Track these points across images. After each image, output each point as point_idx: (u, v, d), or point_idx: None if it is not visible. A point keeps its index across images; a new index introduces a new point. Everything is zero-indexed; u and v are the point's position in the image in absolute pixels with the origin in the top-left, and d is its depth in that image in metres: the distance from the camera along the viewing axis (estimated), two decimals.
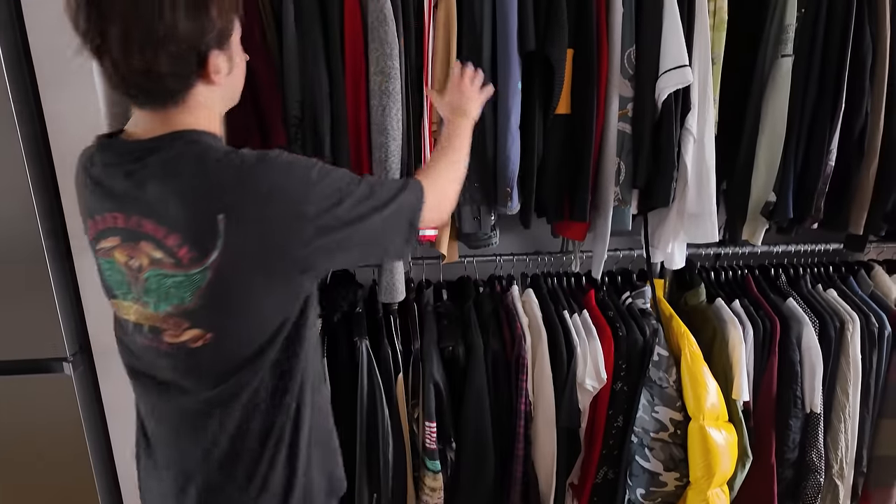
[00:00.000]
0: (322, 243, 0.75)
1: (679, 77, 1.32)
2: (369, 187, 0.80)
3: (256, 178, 0.72)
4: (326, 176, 0.76)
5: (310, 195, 0.74)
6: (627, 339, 1.57)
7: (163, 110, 0.75)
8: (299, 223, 0.73)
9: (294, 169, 0.75)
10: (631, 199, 1.45)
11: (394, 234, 0.83)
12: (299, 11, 1.26)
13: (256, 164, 0.73)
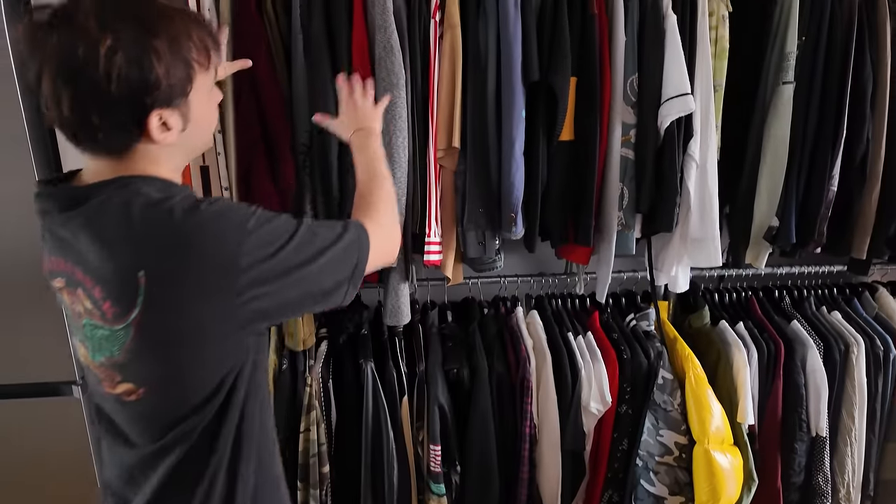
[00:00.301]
0: (258, 295, 0.69)
1: (681, 105, 1.33)
2: (310, 233, 0.74)
3: (184, 229, 0.67)
4: (264, 224, 0.70)
5: (243, 246, 0.68)
6: (632, 361, 1.58)
7: (109, 158, 0.70)
8: (231, 277, 0.67)
9: (227, 218, 0.69)
10: (634, 224, 1.47)
11: (337, 280, 0.77)
12: (308, 43, 1.28)
13: (186, 214, 0.67)
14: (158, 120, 0.68)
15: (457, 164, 1.42)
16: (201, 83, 0.71)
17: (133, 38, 0.63)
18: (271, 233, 0.70)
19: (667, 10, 1.33)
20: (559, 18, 1.32)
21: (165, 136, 0.69)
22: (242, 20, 1.26)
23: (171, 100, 0.68)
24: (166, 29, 0.66)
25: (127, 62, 0.63)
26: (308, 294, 0.75)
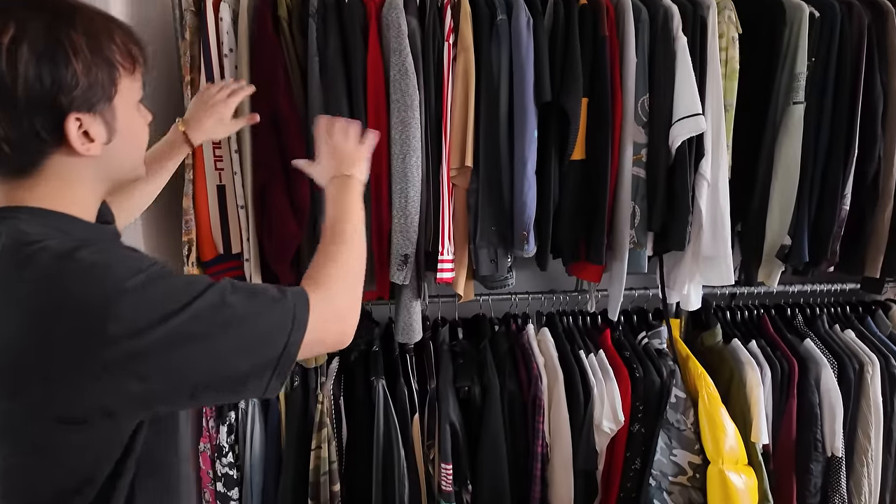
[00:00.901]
0: (132, 376, 0.54)
1: (692, 125, 1.35)
2: (221, 299, 0.58)
3: (45, 283, 0.54)
4: (155, 283, 0.56)
5: (118, 308, 0.53)
6: (644, 380, 1.57)
7: (8, 179, 0.59)
8: (94, 348, 0.53)
9: (103, 270, 0.55)
10: (646, 242, 1.47)
11: (254, 364, 0.60)
12: (324, 65, 1.31)
13: (52, 263, 0.54)
14: (78, 127, 0.58)
15: (469, 183, 1.43)
16: (127, 90, 0.62)
17: (43, 28, 0.54)
18: (162, 295, 0.56)
19: (677, 33, 1.35)
20: (570, 41, 1.34)
21: (88, 147, 0.59)
22: (260, 42, 1.29)
23: (91, 103, 0.58)
24: (84, 23, 0.57)
25: (35, 56, 0.54)
26: (209, 381, 0.58)
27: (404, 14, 1.30)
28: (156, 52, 1.48)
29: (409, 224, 1.37)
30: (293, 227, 1.34)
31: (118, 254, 0.60)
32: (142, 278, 0.56)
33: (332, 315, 0.68)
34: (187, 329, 0.56)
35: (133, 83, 0.63)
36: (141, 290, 0.55)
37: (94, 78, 0.57)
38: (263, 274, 1.42)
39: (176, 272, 0.60)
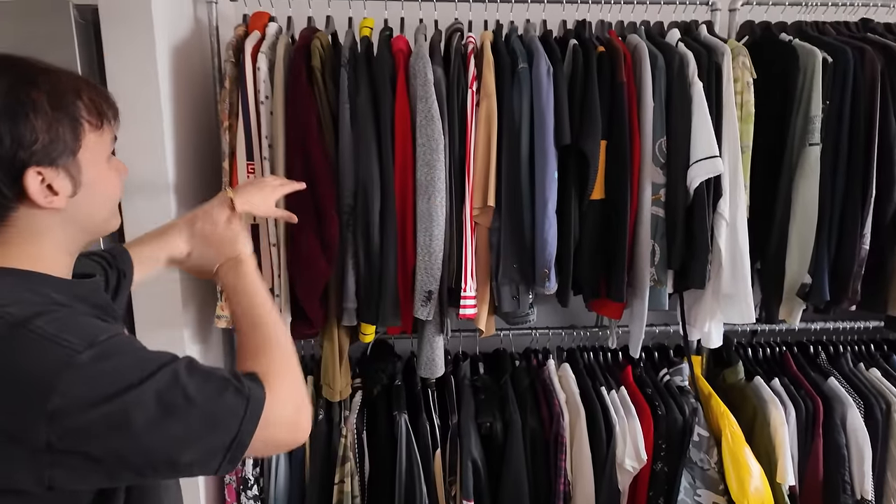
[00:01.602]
0: (73, 450, 0.53)
1: (710, 167, 1.38)
2: (172, 377, 0.57)
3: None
4: (107, 358, 0.55)
5: (63, 384, 0.52)
6: (667, 417, 1.57)
7: None
8: (35, 422, 0.51)
9: (51, 345, 0.53)
10: (667, 280, 1.49)
11: (203, 448, 0.58)
12: (354, 112, 1.38)
13: (6, 332, 0.53)
14: (40, 180, 0.60)
15: (491, 222, 1.47)
16: (94, 144, 0.64)
17: (5, 89, 0.57)
18: (111, 372, 0.54)
19: (693, 78, 1.40)
20: (589, 86, 1.40)
21: (52, 199, 0.61)
22: (294, 90, 1.37)
23: (53, 158, 0.60)
24: (49, 82, 0.60)
25: (6, 113, 0.57)
26: (154, 463, 0.56)
27: (430, 64, 1.37)
28: (197, 100, 1.58)
29: (433, 261, 1.41)
30: (323, 264, 1.39)
31: (76, 322, 0.57)
32: (93, 353, 0.54)
33: (287, 416, 0.63)
34: (130, 411, 0.54)
35: (100, 138, 0.65)
36: (89, 365, 0.53)
37: (55, 133, 0.60)
38: (293, 309, 1.47)
39: (137, 345, 0.59)
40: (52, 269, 0.65)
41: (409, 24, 1.54)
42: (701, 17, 1.62)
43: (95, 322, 0.60)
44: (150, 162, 1.32)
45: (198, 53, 1.54)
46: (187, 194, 1.45)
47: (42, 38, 1.28)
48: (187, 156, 1.46)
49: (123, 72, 1.28)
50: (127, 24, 1.27)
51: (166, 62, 1.34)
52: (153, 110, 1.31)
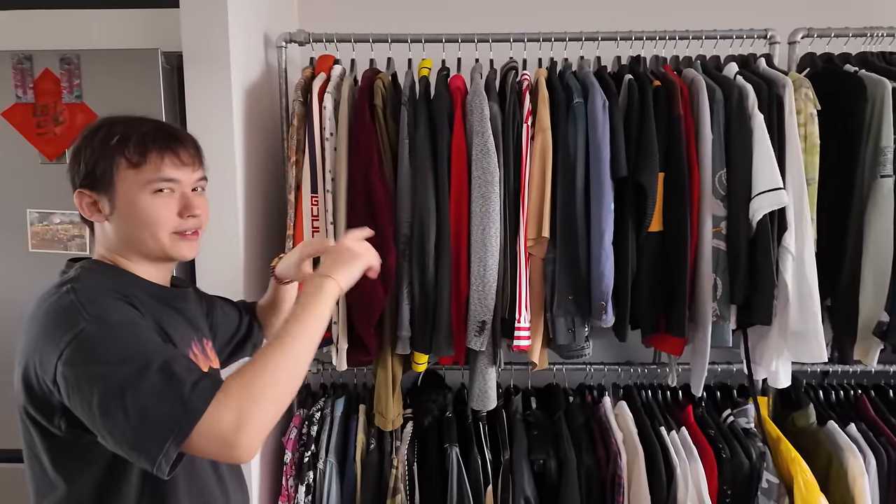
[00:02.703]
0: (62, 388, 0.70)
1: (773, 199, 1.35)
2: (140, 371, 0.67)
3: (41, 316, 0.74)
4: (106, 336, 0.70)
5: (69, 339, 0.70)
6: (732, 461, 1.49)
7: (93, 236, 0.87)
8: (52, 361, 0.70)
9: (76, 311, 0.72)
10: (730, 315, 1.44)
11: (133, 442, 0.67)
12: (413, 147, 1.43)
13: (64, 298, 0.74)
14: (87, 199, 0.82)
15: (546, 253, 1.48)
16: (133, 178, 0.80)
17: (89, 131, 0.82)
18: (98, 347, 0.70)
19: (753, 110, 1.39)
20: (645, 120, 1.40)
21: (95, 216, 0.83)
22: (358, 127, 1.44)
23: (93, 184, 0.81)
24: (113, 130, 0.81)
25: (73, 148, 0.82)
26: (100, 431, 0.69)
27: (487, 100, 1.42)
28: (265, 137, 1.67)
29: (486, 291, 1.42)
30: (379, 292, 1.42)
31: (103, 301, 0.75)
32: (98, 327, 0.71)
33: (220, 432, 0.66)
34: (94, 382, 0.68)
35: (138, 175, 0.81)
36: (89, 334, 0.70)
37: (94, 165, 0.80)
38: (350, 336, 1.50)
39: (139, 334, 0.73)
40: (144, 273, 0.85)
41: (465, 64, 1.60)
42: (758, 50, 1.61)
43: (120, 305, 0.76)
44: (223, 191, 1.41)
45: (267, 94, 1.65)
46: (254, 221, 1.53)
47: (132, 81, 1.40)
48: (255, 187, 1.54)
49: (202, 110, 1.39)
50: (207, 67, 1.37)
51: (240, 101, 1.44)
52: (227, 145, 1.40)
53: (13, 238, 1.45)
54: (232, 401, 0.66)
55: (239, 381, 0.68)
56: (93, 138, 0.81)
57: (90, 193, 0.81)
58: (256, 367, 0.70)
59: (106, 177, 0.80)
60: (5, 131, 1.42)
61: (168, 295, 0.88)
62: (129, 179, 0.81)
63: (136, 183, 0.81)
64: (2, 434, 1.47)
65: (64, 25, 1.58)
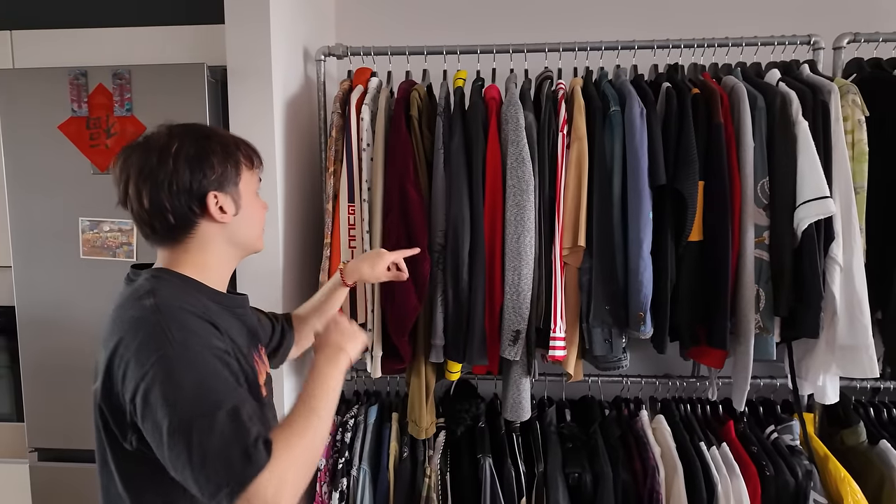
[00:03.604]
0: (136, 407, 0.73)
1: (819, 208, 1.31)
2: (211, 416, 0.70)
3: (125, 330, 0.75)
4: (185, 367, 0.72)
5: (152, 361, 0.72)
6: (776, 480, 1.43)
7: (168, 247, 0.86)
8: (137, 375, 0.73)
9: (161, 333, 0.74)
10: (773, 328, 1.40)
11: (193, 479, 0.70)
12: (448, 157, 1.44)
13: (147, 313, 0.76)
14: (215, 201, 0.84)
15: (581, 262, 1.46)
16: (248, 180, 0.89)
17: (193, 140, 0.84)
18: (175, 379, 0.71)
19: (797, 117, 1.35)
20: (685, 128, 1.38)
21: (222, 216, 0.86)
22: (394, 138, 1.46)
23: (223, 185, 0.85)
24: (217, 136, 0.87)
25: (189, 155, 0.82)
26: (164, 459, 0.72)
27: (522, 109, 1.42)
28: (304, 147, 1.71)
29: (521, 300, 1.41)
30: (413, 300, 1.43)
31: (187, 322, 0.77)
32: (179, 354, 0.73)
33: (264, 494, 0.69)
34: (169, 414, 0.70)
35: (252, 176, 0.90)
36: (170, 361, 0.72)
37: (224, 168, 0.85)
38: (384, 344, 1.51)
39: (219, 372, 0.74)
40: (212, 278, 0.88)
41: (500, 74, 1.61)
42: (801, 56, 1.58)
43: (201, 325, 0.78)
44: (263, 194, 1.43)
45: (306, 105, 1.69)
46: (293, 230, 1.56)
47: (178, 95, 1.46)
48: (294, 196, 1.58)
49: (244, 122, 1.43)
50: (250, 80, 1.42)
51: (280, 113, 1.48)
52: (268, 156, 1.44)
53: (67, 245, 1.52)
54: (278, 467, 0.70)
55: (285, 449, 0.72)
56: (209, 144, 0.84)
57: (220, 195, 0.85)
58: (295, 432, 0.75)
59: (233, 179, 0.86)
60: (61, 143, 1.49)
61: (232, 303, 0.91)
62: (247, 180, 0.89)
63: (251, 183, 0.90)
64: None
65: (117, 42, 1.65)
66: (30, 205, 1.52)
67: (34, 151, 1.51)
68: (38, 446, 1.61)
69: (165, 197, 0.82)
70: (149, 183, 0.82)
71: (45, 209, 1.52)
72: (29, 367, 1.58)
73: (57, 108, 1.48)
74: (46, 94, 1.48)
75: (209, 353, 0.76)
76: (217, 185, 0.84)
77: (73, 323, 1.55)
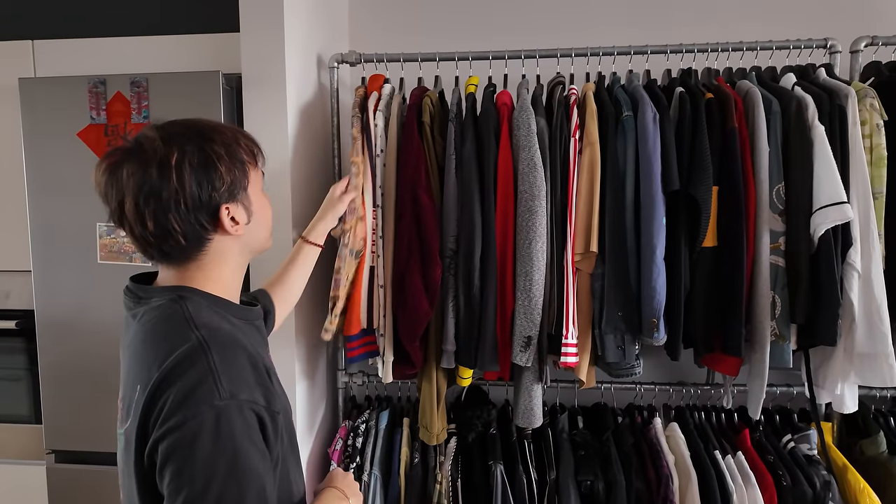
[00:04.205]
0: (159, 453, 0.67)
1: (837, 214, 1.29)
2: (238, 495, 0.65)
3: (171, 366, 0.68)
4: (226, 427, 0.66)
5: (196, 411, 0.65)
6: (793, 490, 1.41)
7: (177, 266, 0.78)
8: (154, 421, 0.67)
9: (210, 379, 0.67)
10: (790, 335, 1.38)
11: None
12: (460, 163, 1.45)
13: (191, 351, 0.68)
14: (228, 213, 0.76)
15: (594, 268, 1.45)
16: (255, 179, 0.81)
17: (195, 145, 0.73)
18: (213, 440, 0.65)
19: (813, 122, 1.34)
20: (698, 132, 1.37)
21: (237, 228, 0.78)
22: (407, 143, 1.46)
23: (234, 194, 0.77)
24: (219, 136, 0.76)
25: (193, 165, 0.72)
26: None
27: (534, 115, 1.42)
28: (317, 153, 1.71)
29: (532, 306, 1.41)
30: (425, 305, 1.43)
31: (237, 370, 0.70)
32: (226, 406, 0.66)
33: None
34: (195, 476, 0.64)
35: (256, 174, 0.82)
36: (215, 416, 0.66)
37: (233, 175, 0.76)
38: (395, 349, 1.51)
39: (255, 444, 0.68)
40: (228, 290, 0.82)
41: (511, 80, 1.61)
42: (817, 60, 1.56)
43: (248, 371, 0.71)
44: (277, 205, 1.45)
45: (319, 111, 1.70)
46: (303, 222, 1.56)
47: (194, 101, 1.48)
48: (307, 200, 1.59)
49: (259, 128, 1.45)
50: (264, 88, 1.44)
51: (294, 119, 1.49)
52: (282, 161, 1.46)
53: (85, 250, 1.54)
54: None
55: None
56: (213, 147, 0.74)
57: (232, 206, 0.77)
58: None
59: (242, 184, 0.78)
60: (80, 150, 1.52)
61: (252, 316, 0.86)
62: (254, 181, 0.81)
63: (257, 182, 0.82)
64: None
65: (135, 51, 1.69)
66: (49, 210, 1.56)
67: (54, 158, 1.54)
68: (55, 448, 1.63)
69: (174, 217, 0.72)
70: (152, 203, 0.71)
71: (63, 214, 1.55)
72: (47, 369, 1.61)
73: (76, 115, 1.51)
74: (66, 101, 1.51)
75: (251, 416, 0.69)
76: (228, 196, 0.76)
77: (90, 326, 1.57)
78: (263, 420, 0.71)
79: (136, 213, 0.72)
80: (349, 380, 1.76)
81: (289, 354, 1.50)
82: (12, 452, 1.82)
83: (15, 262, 1.76)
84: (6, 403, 1.82)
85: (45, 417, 1.62)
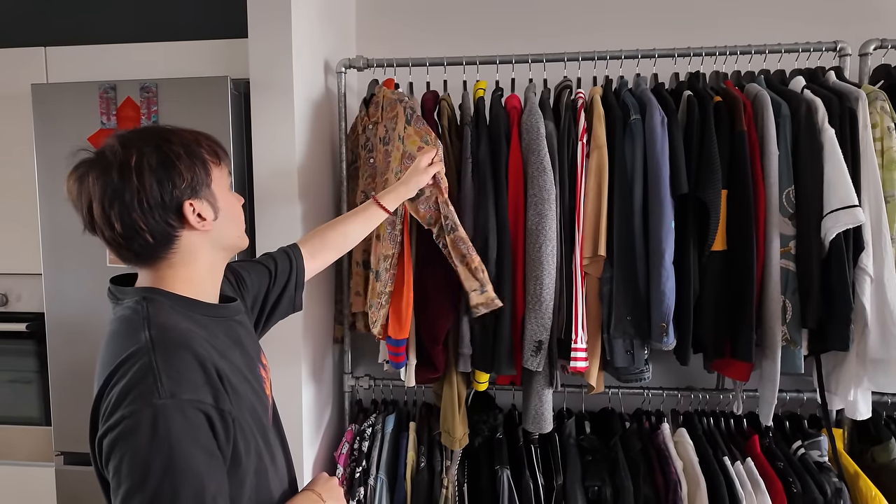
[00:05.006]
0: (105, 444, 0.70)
1: (848, 217, 1.28)
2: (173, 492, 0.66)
3: (119, 364, 0.71)
4: (165, 426, 0.67)
5: (134, 408, 0.68)
6: (804, 497, 1.39)
7: (149, 266, 0.80)
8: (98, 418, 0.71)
9: (151, 378, 0.69)
10: (801, 340, 1.36)
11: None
12: (476, 166, 1.45)
13: (138, 351, 0.71)
14: (192, 209, 0.78)
15: (602, 272, 1.45)
16: (219, 177, 0.82)
17: (153, 147, 0.76)
18: (152, 437, 0.66)
19: (822, 125, 1.33)
20: (707, 136, 1.37)
21: (203, 223, 0.80)
22: None
23: (196, 190, 0.79)
24: (177, 138, 0.79)
25: (152, 165, 0.75)
26: None
27: (542, 119, 1.42)
28: (325, 156, 1.72)
29: (543, 310, 1.40)
30: (445, 309, 1.43)
31: (180, 371, 0.71)
32: (165, 405, 0.68)
33: None
34: (133, 466, 0.66)
35: (221, 172, 0.84)
36: (154, 414, 0.67)
37: (193, 173, 0.79)
38: (418, 353, 1.51)
39: (199, 440, 0.69)
40: (201, 289, 0.83)
41: (519, 84, 1.61)
42: (827, 63, 1.55)
43: (197, 377, 0.72)
44: (286, 208, 1.48)
45: (326, 115, 1.71)
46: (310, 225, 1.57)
47: (203, 106, 1.49)
48: (314, 203, 1.60)
49: (267, 132, 1.46)
50: (272, 93, 1.45)
51: (301, 124, 1.50)
52: (290, 165, 1.46)
53: (94, 253, 1.55)
54: None
55: None
56: (171, 148, 0.77)
57: (196, 202, 0.79)
58: None
59: (204, 181, 0.80)
60: None
61: (228, 312, 0.87)
62: (218, 178, 0.83)
63: (222, 180, 0.84)
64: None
65: (145, 57, 1.70)
66: (60, 214, 1.57)
67: (65, 163, 1.55)
68: (64, 450, 1.64)
69: (138, 217, 0.75)
70: (116, 205, 0.74)
71: (73, 218, 1.53)
72: (57, 371, 1.62)
73: (87, 120, 1.53)
74: (77, 107, 1.53)
75: (195, 415, 0.70)
76: (191, 193, 0.78)
77: (99, 329, 1.57)
78: (212, 419, 0.72)
79: (103, 216, 0.75)
80: (356, 383, 1.76)
81: (295, 357, 1.50)
82: (22, 454, 1.83)
83: (25, 265, 1.77)
84: (16, 405, 1.83)
85: (54, 419, 1.63)
